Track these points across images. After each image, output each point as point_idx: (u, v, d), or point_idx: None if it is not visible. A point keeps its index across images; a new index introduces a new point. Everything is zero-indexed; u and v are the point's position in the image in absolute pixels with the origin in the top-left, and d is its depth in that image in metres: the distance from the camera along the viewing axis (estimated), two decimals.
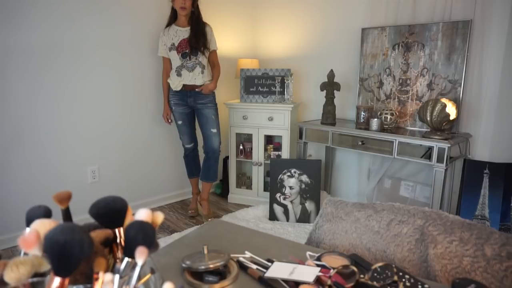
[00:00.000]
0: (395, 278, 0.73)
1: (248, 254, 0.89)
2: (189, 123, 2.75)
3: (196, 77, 2.58)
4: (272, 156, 2.97)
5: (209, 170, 2.73)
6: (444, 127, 2.15)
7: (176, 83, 2.60)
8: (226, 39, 3.36)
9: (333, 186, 3.12)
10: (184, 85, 2.61)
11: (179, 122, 2.73)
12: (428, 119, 2.10)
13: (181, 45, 2.56)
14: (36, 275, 0.46)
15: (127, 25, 2.65)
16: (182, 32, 2.57)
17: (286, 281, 0.76)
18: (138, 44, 2.74)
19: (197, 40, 2.53)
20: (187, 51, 2.56)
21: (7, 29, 2.12)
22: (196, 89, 2.60)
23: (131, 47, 2.70)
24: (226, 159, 3.21)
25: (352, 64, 2.85)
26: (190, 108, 2.70)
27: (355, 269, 0.74)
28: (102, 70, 2.57)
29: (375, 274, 0.73)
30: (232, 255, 0.87)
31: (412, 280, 0.75)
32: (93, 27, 2.48)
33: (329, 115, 2.67)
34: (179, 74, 2.59)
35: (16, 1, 2.13)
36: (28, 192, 2.31)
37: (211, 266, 0.78)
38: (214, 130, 2.68)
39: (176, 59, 2.59)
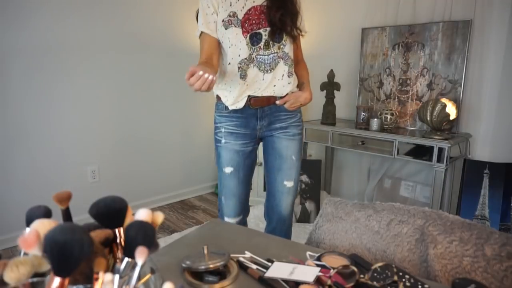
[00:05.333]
0: (395, 278, 0.73)
1: (248, 254, 0.89)
2: (245, 172, 1.49)
3: (277, 83, 1.40)
4: None
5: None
6: (444, 127, 2.15)
7: (235, 95, 1.38)
8: None
9: (333, 186, 3.12)
10: (251, 98, 1.39)
11: (228, 171, 1.46)
12: (428, 119, 2.10)
13: (250, 18, 1.33)
14: (36, 275, 0.46)
15: (127, 25, 2.65)
16: None
17: (286, 281, 0.76)
18: (138, 43, 2.73)
19: (285, 11, 1.33)
20: (261, 31, 1.34)
21: (8, 29, 2.12)
22: (277, 102, 1.41)
23: (131, 47, 2.70)
24: None
25: (352, 64, 2.84)
26: (254, 143, 1.48)
27: (355, 269, 0.74)
28: (102, 70, 2.57)
29: (375, 274, 0.73)
30: (232, 255, 0.86)
31: (412, 280, 0.75)
32: (93, 28, 2.48)
33: (329, 115, 2.67)
34: (243, 76, 1.36)
35: (17, 1, 2.13)
36: (28, 192, 2.31)
37: (211, 266, 0.78)
38: (291, 184, 1.49)
39: (240, 44, 1.34)
